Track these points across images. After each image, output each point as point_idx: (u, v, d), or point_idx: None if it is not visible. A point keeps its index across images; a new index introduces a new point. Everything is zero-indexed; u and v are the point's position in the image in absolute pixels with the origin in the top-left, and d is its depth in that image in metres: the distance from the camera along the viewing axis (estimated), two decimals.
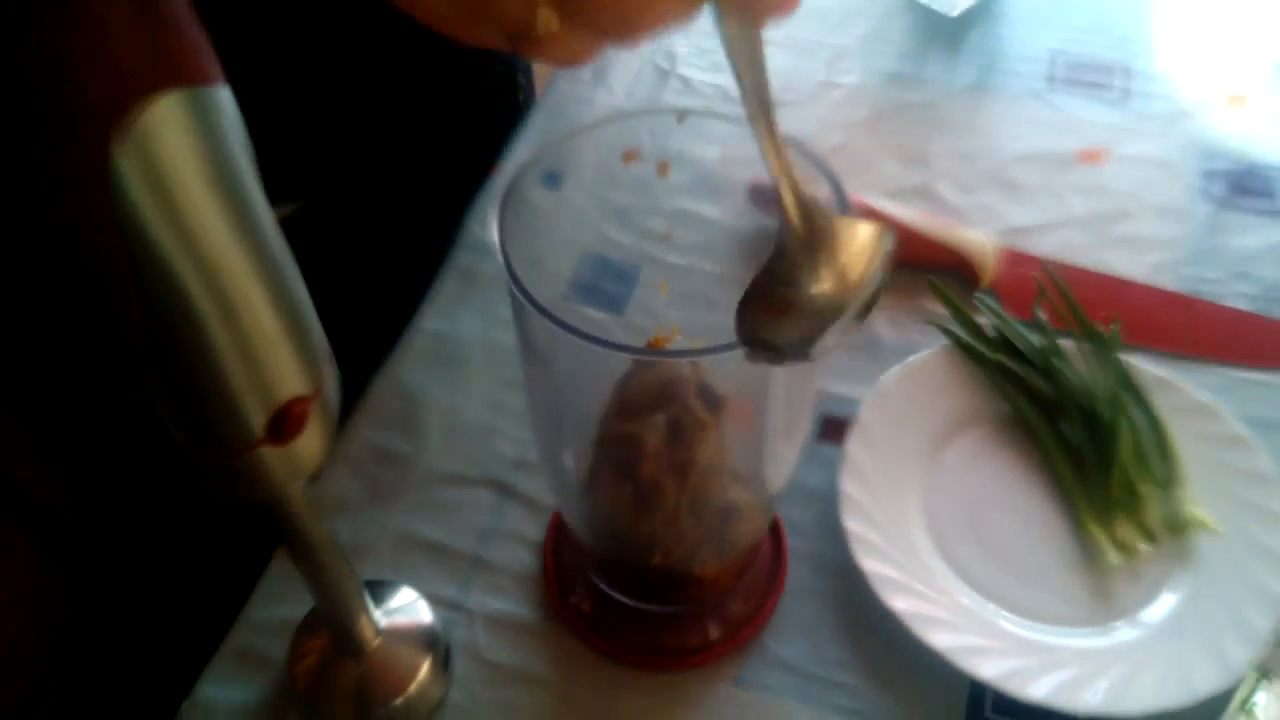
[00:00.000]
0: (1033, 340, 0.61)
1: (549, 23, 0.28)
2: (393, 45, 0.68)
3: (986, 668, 0.49)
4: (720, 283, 0.53)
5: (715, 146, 0.46)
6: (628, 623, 0.53)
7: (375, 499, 0.59)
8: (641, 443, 0.43)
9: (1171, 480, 0.56)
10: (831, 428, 0.61)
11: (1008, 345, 0.62)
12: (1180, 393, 0.59)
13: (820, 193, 0.40)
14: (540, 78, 0.94)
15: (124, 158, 0.23)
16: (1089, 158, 0.77)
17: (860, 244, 0.35)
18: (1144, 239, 0.72)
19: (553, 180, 0.44)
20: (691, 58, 0.86)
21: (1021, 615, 0.53)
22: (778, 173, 0.33)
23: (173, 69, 0.23)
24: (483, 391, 0.64)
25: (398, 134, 0.75)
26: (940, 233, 0.69)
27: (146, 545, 0.75)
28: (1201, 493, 0.56)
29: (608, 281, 0.66)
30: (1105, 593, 0.54)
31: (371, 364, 0.65)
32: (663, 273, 0.59)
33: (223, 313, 0.27)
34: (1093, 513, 0.56)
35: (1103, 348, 0.61)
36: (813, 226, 0.34)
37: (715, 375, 0.45)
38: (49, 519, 0.68)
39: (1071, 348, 0.61)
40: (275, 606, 0.54)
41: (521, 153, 0.77)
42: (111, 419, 0.68)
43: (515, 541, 0.57)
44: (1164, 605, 0.53)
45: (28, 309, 0.60)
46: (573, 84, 0.84)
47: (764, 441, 0.46)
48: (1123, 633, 0.52)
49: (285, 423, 0.30)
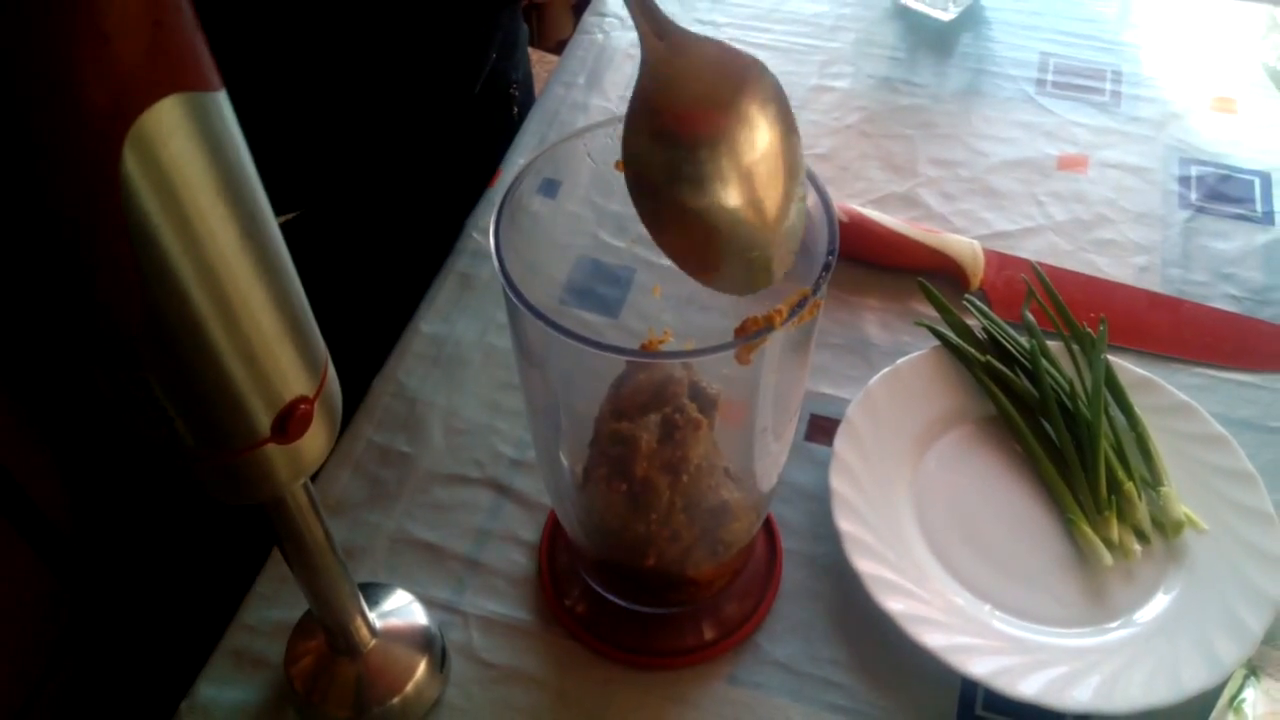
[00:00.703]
0: (1021, 341, 0.62)
1: None
2: (385, 52, 0.69)
3: (977, 666, 0.50)
4: None
5: None
6: (623, 624, 0.53)
7: (375, 499, 0.59)
8: (635, 442, 0.43)
9: (1154, 479, 0.57)
10: (823, 428, 0.61)
11: (997, 346, 0.62)
12: (1161, 392, 0.60)
13: (809, 200, 0.41)
14: (539, 80, 0.94)
15: (130, 163, 0.23)
16: (1071, 165, 0.78)
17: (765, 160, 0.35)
18: (1124, 243, 0.73)
19: (549, 188, 0.45)
20: None
21: (1016, 616, 0.53)
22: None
23: (173, 74, 0.24)
24: (481, 393, 0.64)
25: (394, 141, 0.76)
26: (928, 237, 0.69)
27: (143, 548, 0.75)
28: (1182, 491, 0.56)
29: (602, 286, 0.66)
30: (1100, 594, 0.54)
31: (369, 367, 0.65)
32: (656, 276, 0.60)
33: (224, 314, 0.28)
34: (1084, 513, 0.56)
35: (1088, 348, 0.61)
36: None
37: (707, 376, 0.46)
38: (48, 523, 0.68)
39: (1059, 349, 0.62)
40: (270, 608, 0.55)
41: (519, 159, 0.78)
42: (109, 423, 0.68)
43: (510, 543, 0.57)
44: (1158, 605, 0.54)
45: (30, 312, 0.60)
46: (567, 89, 0.85)
47: (754, 440, 0.46)
48: (1116, 632, 0.53)
49: (290, 422, 0.31)
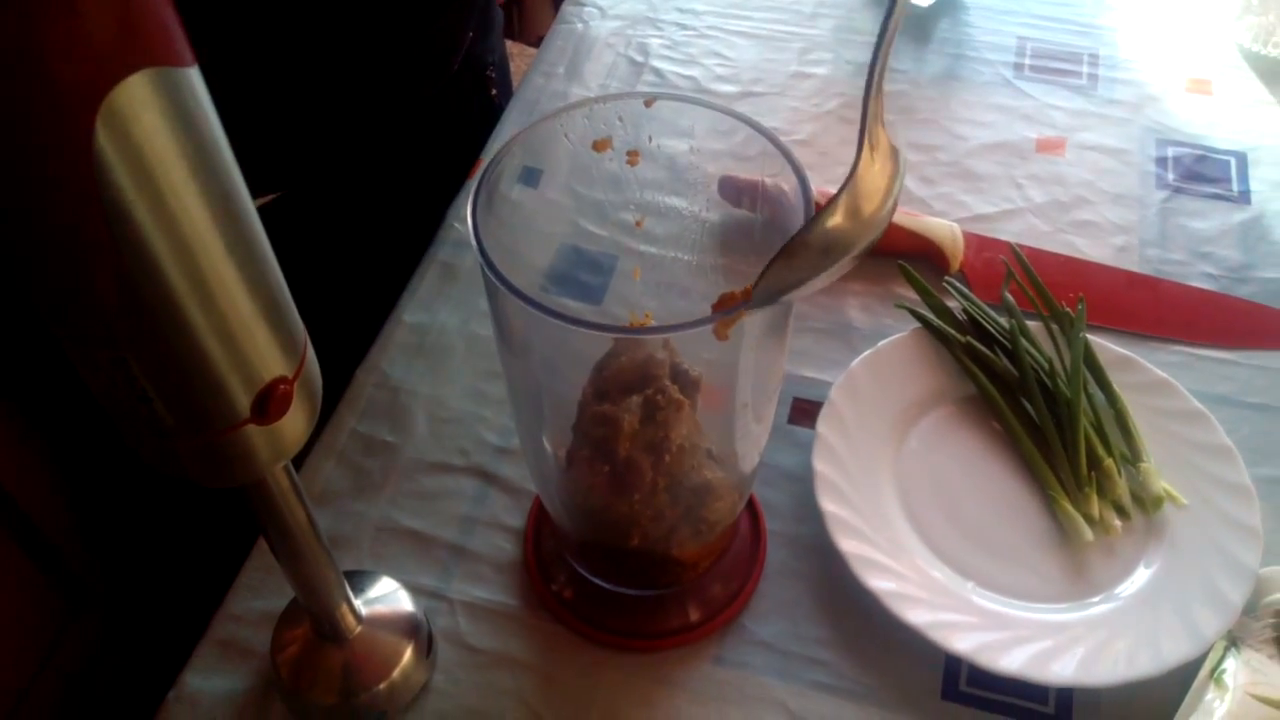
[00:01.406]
0: (1001, 321, 0.63)
1: None
2: (362, 28, 0.68)
3: (961, 642, 0.50)
4: (692, 271, 0.53)
5: (685, 141, 0.47)
6: (608, 607, 0.54)
7: (360, 489, 0.59)
8: (618, 423, 0.44)
9: (1134, 455, 0.57)
10: (805, 411, 0.62)
11: (977, 327, 0.63)
12: (1140, 370, 0.61)
13: (788, 184, 0.41)
14: (516, 74, 0.94)
15: (103, 138, 0.23)
16: (1049, 147, 0.79)
17: (881, 177, 0.34)
18: (1103, 224, 0.73)
19: (530, 177, 0.45)
20: (664, 50, 0.87)
21: (998, 592, 0.54)
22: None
23: (144, 49, 0.24)
24: (464, 381, 0.64)
25: (372, 119, 0.75)
26: (908, 221, 0.70)
27: (129, 541, 0.75)
28: (1162, 466, 0.57)
29: (584, 273, 0.67)
30: (1081, 569, 0.55)
31: (352, 357, 0.65)
32: (637, 261, 0.60)
33: (200, 292, 0.28)
34: (1064, 490, 0.57)
35: (1068, 327, 0.62)
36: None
37: (688, 358, 0.46)
38: (32, 522, 0.68)
39: (1039, 329, 0.63)
40: (255, 598, 0.55)
41: (499, 147, 0.78)
42: (91, 414, 0.68)
43: (496, 530, 0.57)
44: (1139, 579, 0.54)
45: (9, 297, 0.60)
46: (547, 79, 0.85)
47: (735, 421, 0.47)
48: (1097, 607, 0.53)
49: (269, 402, 0.31)
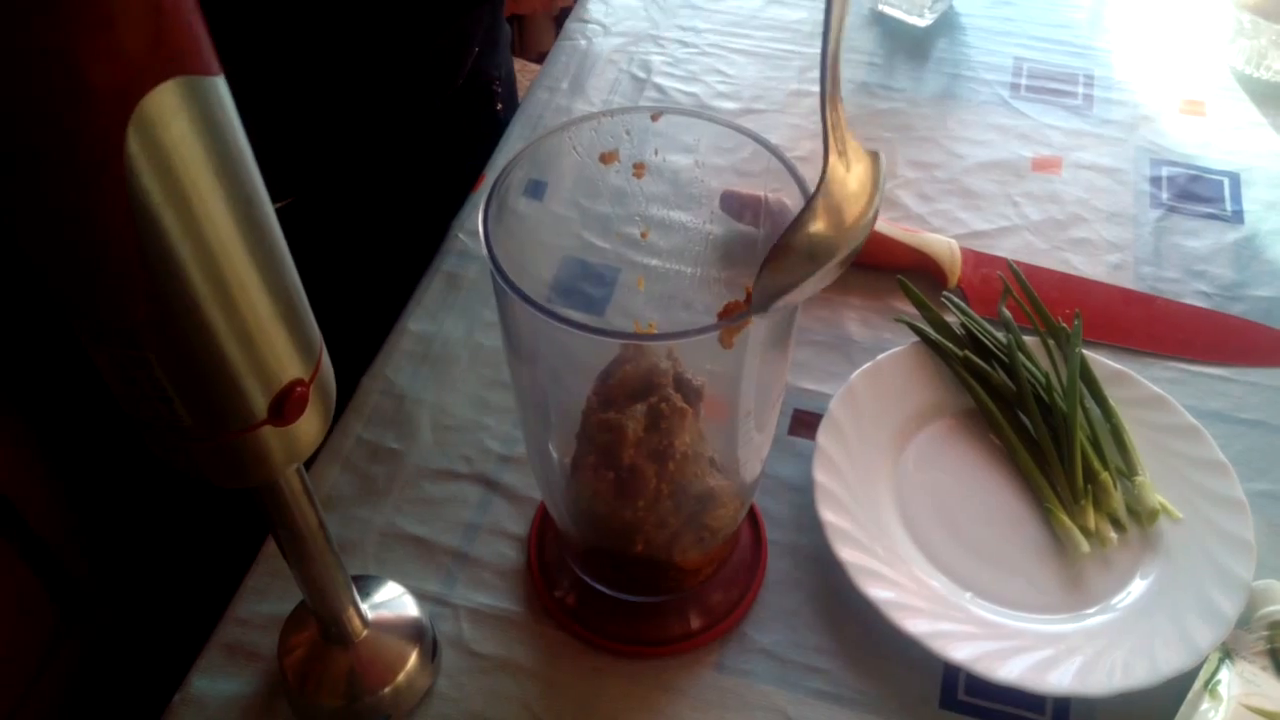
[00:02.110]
0: (999, 336, 0.63)
1: None
2: (370, 40, 0.69)
3: (959, 651, 0.51)
4: (695, 284, 0.54)
5: (689, 156, 0.48)
6: (611, 614, 0.54)
7: (365, 495, 0.60)
8: (623, 430, 0.44)
9: (1129, 469, 0.58)
10: (805, 423, 0.63)
11: (974, 341, 0.64)
12: (1135, 385, 0.62)
13: (790, 199, 0.42)
14: (522, 89, 0.95)
15: (134, 144, 0.24)
16: (1045, 166, 0.80)
17: (857, 183, 0.35)
18: (1098, 242, 0.74)
19: (535, 190, 0.46)
20: (666, 67, 0.88)
21: (996, 602, 0.55)
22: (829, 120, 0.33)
23: (175, 58, 0.25)
24: (469, 390, 0.65)
25: (379, 130, 0.76)
26: (907, 237, 0.71)
27: (134, 545, 0.75)
28: (1157, 481, 0.58)
29: (588, 285, 0.67)
30: (1077, 581, 0.56)
31: (357, 366, 0.66)
32: (640, 273, 0.61)
33: (222, 295, 0.29)
34: (1061, 503, 0.57)
35: (1064, 343, 0.63)
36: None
37: (691, 367, 0.47)
38: (35, 525, 0.68)
39: (1035, 344, 0.64)
40: (261, 602, 0.55)
41: (504, 160, 0.79)
42: (99, 421, 0.69)
43: (499, 537, 0.58)
44: (1134, 591, 0.55)
45: (22, 310, 0.61)
46: (551, 93, 0.86)
47: (738, 431, 0.47)
48: (1094, 618, 0.54)
49: (286, 404, 0.32)
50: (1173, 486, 0.58)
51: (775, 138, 0.82)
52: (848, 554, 0.54)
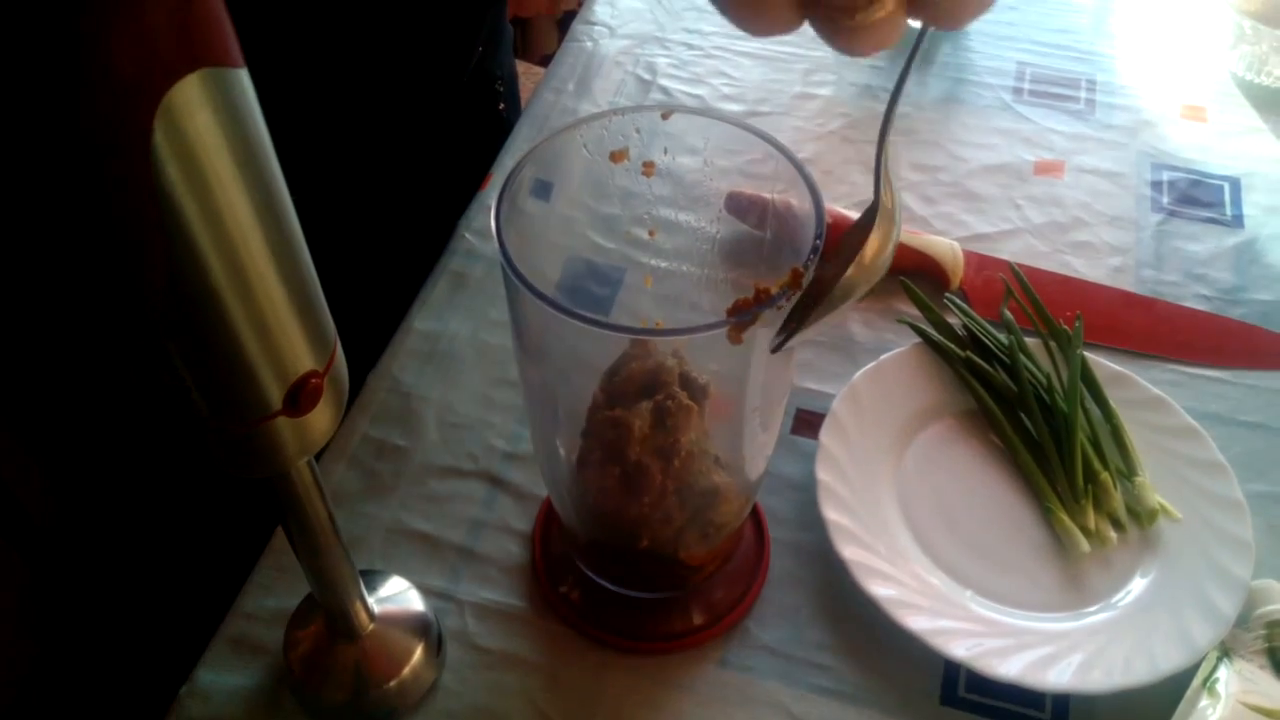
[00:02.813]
0: (1000, 338, 0.64)
1: (886, 6, 0.26)
2: (375, 35, 0.70)
3: (959, 648, 0.51)
4: (700, 285, 0.55)
5: (696, 158, 0.48)
6: (615, 610, 0.55)
7: (371, 491, 0.60)
8: (629, 427, 0.45)
9: (1129, 470, 0.59)
10: (808, 423, 0.63)
11: (976, 342, 0.64)
12: (1136, 387, 0.62)
13: (795, 200, 0.43)
14: (524, 91, 0.96)
15: (160, 134, 0.25)
16: (1047, 170, 0.81)
17: (880, 229, 0.36)
18: (1099, 245, 0.75)
19: (542, 190, 0.46)
20: (672, 69, 0.89)
21: (997, 600, 0.55)
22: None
23: (201, 50, 0.25)
24: (474, 388, 0.65)
25: (384, 127, 0.77)
26: (910, 239, 0.71)
27: (141, 540, 0.75)
28: (1156, 481, 0.58)
29: (594, 285, 0.68)
30: (1077, 580, 0.56)
31: (363, 364, 0.66)
32: (645, 273, 0.61)
33: (240, 285, 0.29)
34: (1061, 502, 0.58)
35: (1065, 344, 0.63)
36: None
37: (697, 366, 0.47)
38: (33, 521, 0.68)
39: (1037, 345, 0.64)
40: (267, 597, 0.56)
41: (510, 163, 0.79)
42: (102, 417, 0.69)
43: (504, 533, 0.58)
44: (1134, 590, 0.55)
45: (26, 306, 0.61)
46: (557, 95, 0.87)
47: (743, 429, 0.48)
48: (1093, 616, 0.54)
49: (301, 395, 0.32)
50: (1172, 487, 0.58)
51: (780, 139, 0.83)
52: (850, 552, 0.54)
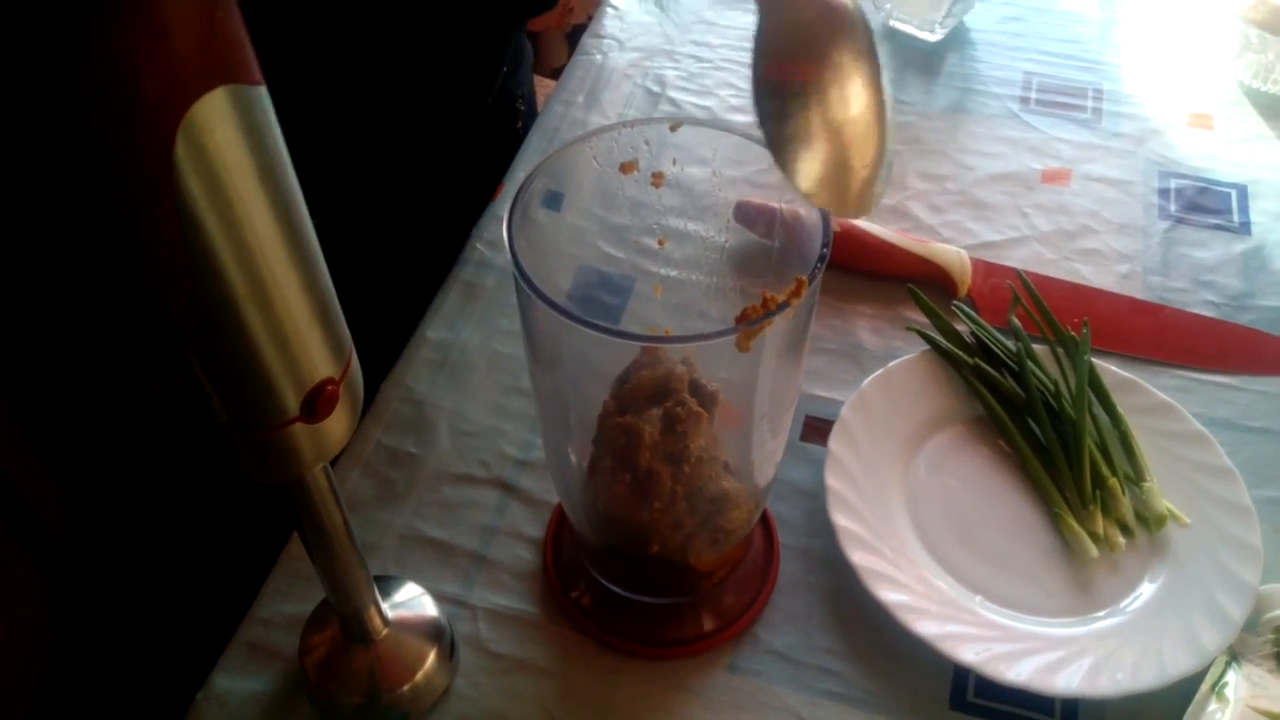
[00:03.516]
0: (1008, 344, 0.64)
1: None
2: (407, 62, 0.71)
3: (968, 653, 0.51)
4: (709, 293, 0.55)
5: (705, 168, 0.49)
6: (626, 616, 0.55)
7: (385, 498, 0.61)
8: (639, 433, 0.45)
9: (1137, 475, 0.59)
10: (818, 429, 0.64)
11: (984, 349, 0.65)
12: (1143, 393, 0.63)
13: (804, 209, 0.43)
14: (538, 101, 0.97)
15: (182, 149, 0.25)
16: (1054, 178, 0.81)
17: None
18: (1107, 253, 0.75)
19: (553, 201, 0.47)
20: (680, 81, 0.89)
21: (1006, 606, 0.55)
22: None
23: (223, 67, 0.26)
24: (486, 397, 0.66)
25: (407, 147, 0.78)
26: (917, 247, 0.72)
27: (156, 548, 0.76)
28: (1164, 486, 0.59)
29: (604, 294, 0.69)
30: (1086, 585, 0.56)
31: (376, 373, 0.67)
32: (655, 283, 0.62)
33: (259, 296, 0.30)
34: (1070, 508, 0.58)
35: (1073, 351, 0.64)
36: None
37: (706, 373, 0.48)
38: (50, 531, 0.69)
39: (1044, 352, 0.64)
40: (283, 603, 0.56)
41: (521, 174, 0.80)
42: (118, 426, 0.70)
43: (516, 540, 0.59)
44: (1143, 595, 0.56)
45: (39, 312, 0.62)
46: (567, 107, 0.87)
47: (752, 436, 0.48)
48: (1102, 621, 0.55)
49: (318, 402, 0.33)
50: (1180, 493, 0.58)
51: None
52: (859, 557, 0.55)
